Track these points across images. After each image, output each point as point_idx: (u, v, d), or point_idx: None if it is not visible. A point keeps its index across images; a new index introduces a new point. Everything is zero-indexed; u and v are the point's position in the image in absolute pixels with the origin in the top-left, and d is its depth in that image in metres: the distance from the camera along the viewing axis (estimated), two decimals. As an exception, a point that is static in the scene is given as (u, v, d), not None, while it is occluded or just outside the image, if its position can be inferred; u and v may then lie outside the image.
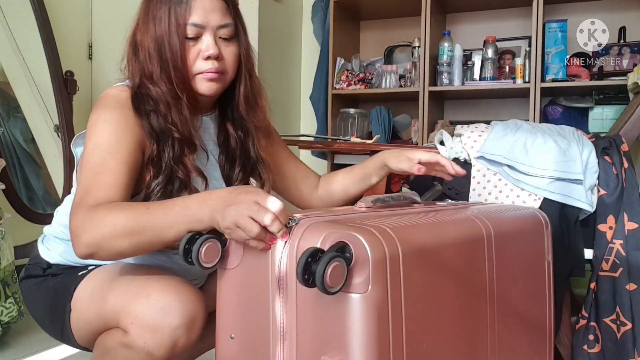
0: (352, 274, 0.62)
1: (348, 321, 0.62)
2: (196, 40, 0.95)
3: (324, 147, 2.34)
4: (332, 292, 0.60)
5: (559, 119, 2.58)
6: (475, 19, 2.94)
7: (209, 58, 0.95)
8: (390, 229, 0.68)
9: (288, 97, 3.13)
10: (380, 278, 0.63)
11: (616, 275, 1.31)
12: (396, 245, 0.66)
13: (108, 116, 0.91)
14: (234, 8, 0.99)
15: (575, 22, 2.47)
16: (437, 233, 0.78)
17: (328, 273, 0.59)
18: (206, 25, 0.95)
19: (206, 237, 0.73)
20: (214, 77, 0.97)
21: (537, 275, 1.04)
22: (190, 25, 0.94)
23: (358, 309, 0.62)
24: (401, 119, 2.91)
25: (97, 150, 0.88)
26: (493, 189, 1.38)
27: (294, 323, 0.68)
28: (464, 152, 1.43)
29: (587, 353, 1.33)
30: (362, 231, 0.65)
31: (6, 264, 1.73)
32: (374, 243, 0.64)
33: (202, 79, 0.96)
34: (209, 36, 0.95)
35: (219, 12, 0.96)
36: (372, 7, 2.98)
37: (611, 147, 1.38)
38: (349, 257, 0.62)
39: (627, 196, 1.32)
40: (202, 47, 0.95)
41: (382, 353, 0.63)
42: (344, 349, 0.62)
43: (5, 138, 2.27)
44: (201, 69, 0.96)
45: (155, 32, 0.94)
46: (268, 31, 2.84)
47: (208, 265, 0.75)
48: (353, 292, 0.62)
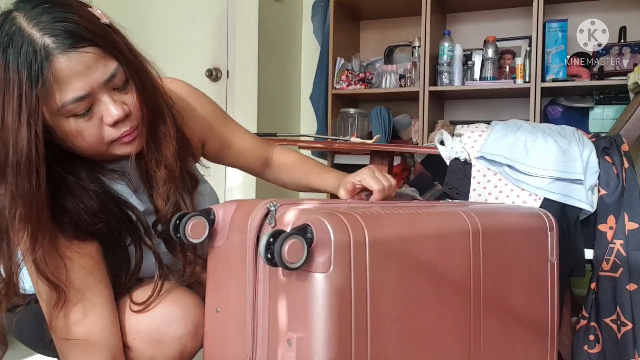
0: (314, 253, 0.66)
1: (311, 299, 0.65)
2: (89, 112, 0.76)
3: (324, 147, 2.34)
4: (291, 267, 0.64)
5: (559, 118, 2.58)
6: (476, 18, 2.93)
7: (116, 123, 0.78)
8: (360, 216, 0.71)
9: (288, 97, 3.13)
10: (343, 260, 0.66)
11: (617, 276, 1.31)
12: (363, 231, 0.69)
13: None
14: (108, 42, 0.76)
15: (575, 21, 2.47)
16: (412, 224, 0.80)
17: (285, 249, 0.63)
18: (92, 90, 0.75)
19: (193, 214, 0.77)
20: (131, 138, 0.81)
21: (538, 275, 1.04)
22: (72, 104, 0.74)
23: (319, 288, 0.65)
24: (401, 119, 2.91)
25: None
26: (493, 189, 1.38)
27: (267, 300, 0.71)
28: (464, 152, 1.43)
29: (588, 353, 1.33)
30: (329, 216, 0.68)
31: (6, 264, 1.72)
32: (338, 226, 0.67)
33: (119, 145, 0.81)
34: (104, 97, 0.77)
35: (96, 65, 0.75)
36: (372, 7, 2.98)
37: (612, 147, 1.38)
38: (310, 237, 0.66)
39: (628, 196, 1.32)
40: (103, 115, 0.77)
41: (343, 332, 0.66)
42: (306, 326, 0.65)
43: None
44: (113, 136, 0.79)
45: (1, 127, 0.72)
46: (268, 31, 2.84)
47: (194, 240, 0.76)
48: (315, 272, 0.65)
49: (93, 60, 0.74)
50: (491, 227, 0.91)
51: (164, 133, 0.87)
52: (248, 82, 2.74)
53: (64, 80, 0.73)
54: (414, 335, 0.76)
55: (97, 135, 0.78)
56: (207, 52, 2.84)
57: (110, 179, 0.88)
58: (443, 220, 0.86)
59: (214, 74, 2.80)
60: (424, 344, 0.78)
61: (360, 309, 0.68)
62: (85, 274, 0.82)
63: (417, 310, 0.77)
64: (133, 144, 0.82)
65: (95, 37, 0.74)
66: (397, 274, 0.74)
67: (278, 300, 0.70)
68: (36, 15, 0.72)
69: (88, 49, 0.73)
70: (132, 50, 0.82)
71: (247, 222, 0.75)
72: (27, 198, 0.73)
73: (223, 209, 0.80)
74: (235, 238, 0.77)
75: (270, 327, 0.71)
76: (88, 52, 0.73)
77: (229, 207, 0.80)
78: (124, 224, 0.86)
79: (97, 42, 0.74)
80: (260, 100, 2.74)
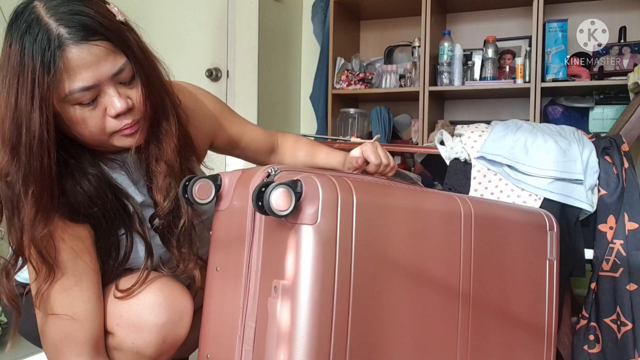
0: (302, 206, 0.70)
1: (298, 248, 0.69)
2: (94, 102, 0.80)
3: (324, 147, 2.33)
4: (278, 215, 0.68)
5: (559, 119, 2.58)
6: (476, 18, 2.93)
7: (118, 115, 0.81)
8: (351, 181, 0.75)
9: (288, 97, 3.13)
10: (330, 214, 0.70)
11: (617, 276, 1.31)
12: (351, 193, 0.73)
13: None
14: (120, 38, 0.80)
15: (575, 21, 2.47)
16: (402, 196, 0.83)
17: (274, 197, 0.68)
18: (99, 82, 0.78)
19: (201, 177, 0.82)
20: (132, 131, 0.84)
21: (536, 273, 1.04)
22: (78, 92, 0.77)
23: (306, 238, 0.69)
24: (401, 118, 2.91)
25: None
26: (494, 189, 1.38)
27: (260, 253, 0.75)
28: (464, 152, 1.43)
29: (588, 353, 1.33)
30: (320, 176, 0.72)
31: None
32: (327, 185, 0.71)
33: (120, 137, 0.84)
34: (109, 90, 0.79)
35: (106, 59, 0.78)
36: (372, 7, 2.98)
37: (612, 147, 1.38)
38: (300, 191, 0.70)
39: (628, 196, 1.32)
40: (107, 106, 0.80)
41: (326, 283, 0.69)
42: (292, 274, 0.69)
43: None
44: (115, 127, 0.82)
45: (15, 109, 0.76)
46: (268, 31, 2.84)
47: (201, 200, 0.81)
48: (303, 223, 0.69)
49: (103, 53, 0.77)
50: (485, 213, 0.93)
51: (166, 130, 0.89)
52: (248, 82, 2.73)
53: (73, 70, 0.76)
54: (398, 298, 0.78)
55: (100, 125, 0.81)
56: (207, 52, 2.84)
57: (110, 168, 0.90)
58: (435, 198, 0.89)
59: (214, 74, 2.80)
60: (410, 307, 0.80)
61: (345, 262, 0.71)
62: (74, 256, 0.84)
63: (403, 273, 0.79)
64: (133, 137, 0.84)
65: (108, 32, 0.78)
66: (382, 238, 0.77)
67: (269, 251, 0.74)
68: (55, 6, 0.76)
69: (100, 42, 0.77)
70: (143, 49, 0.85)
71: (249, 185, 0.79)
72: (39, 178, 0.77)
73: (229, 176, 0.84)
74: (238, 201, 0.81)
75: (261, 277, 0.75)
76: (99, 46, 0.77)
77: (235, 174, 0.84)
78: (118, 212, 0.88)
79: (109, 37, 0.78)
80: (260, 100, 2.74)
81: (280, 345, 0.68)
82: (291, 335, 0.67)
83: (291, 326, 0.67)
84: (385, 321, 0.76)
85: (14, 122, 0.76)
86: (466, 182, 1.41)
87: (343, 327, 0.70)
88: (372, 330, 0.74)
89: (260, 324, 0.73)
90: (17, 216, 0.79)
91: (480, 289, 0.91)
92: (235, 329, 0.76)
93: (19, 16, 0.77)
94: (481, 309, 0.91)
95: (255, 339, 0.74)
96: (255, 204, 0.68)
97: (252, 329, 0.74)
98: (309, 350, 0.67)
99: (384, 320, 0.76)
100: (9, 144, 0.77)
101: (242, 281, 0.77)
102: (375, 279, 0.75)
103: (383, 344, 0.76)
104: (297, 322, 0.67)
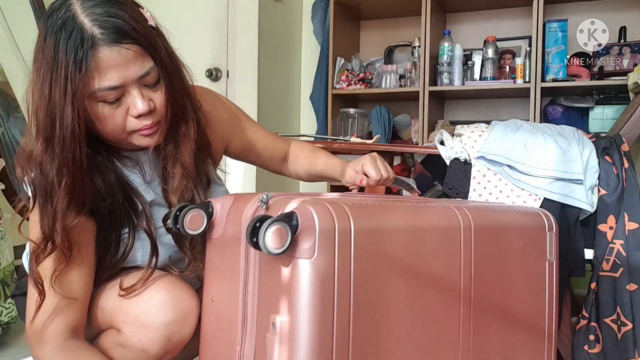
0: (299, 240, 0.68)
1: (295, 284, 0.68)
2: (118, 101, 0.83)
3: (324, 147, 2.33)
4: (274, 253, 0.66)
5: (559, 119, 2.58)
6: (476, 18, 2.93)
7: (139, 116, 0.84)
8: (347, 206, 0.73)
9: (288, 97, 3.13)
10: (327, 247, 0.68)
11: (617, 276, 1.31)
12: (349, 220, 0.71)
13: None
14: (149, 43, 0.83)
15: (575, 21, 2.47)
16: (401, 216, 0.81)
17: (269, 235, 0.66)
18: (125, 82, 0.81)
19: (193, 207, 0.80)
20: (151, 132, 0.87)
21: (536, 275, 1.03)
22: (105, 91, 0.80)
23: (303, 273, 0.67)
24: (401, 119, 2.91)
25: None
26: (493, 189, 1.38)
27: (256, 286, 0.74)
28: (464, 152, 1.43)
29: (588, 353, 1.33)
30: (315, 204, 0.70)
31: (6, 264, 1.73)
32: (324, 214, 0.69)
33: (138, 136, 0.87)
34: (134, 91, 0.83)
35: (134, 62, 0.81)
36: (372, 7, 2.98)
37: (612, 147, 1.38)
38: (295, 224, 0.68)
39: (628, 196, 1.32)
40: (129, 106, 0.83)
41: (325, 317, 0.68)
42: (290, 310, 0.68)
43: (5, 138, 2.27)
44: (134, 127, 0.85)
45: (48, 102, 0.79)
46: (268, 31, 2.84)
47: (192, 231, 0.80)
48: (300, 258, 0.68)
49: (132, 56, 0.80)
50: (484, 224, 0.92)
51: (184, 133, 0.92)
52: (248, 82, 2.73)
53: (103, 70, 0.79)
54: (399, 324, 0.77)
55: (121, 124, 0.84)
56: (207, 52, 2.84)
57: (124, 166, 0.93)
58: (434, 214, 0.87)
59: (214, 74, 2.80)
60: (410, 335, 0.79)
61: (344, 295, 0.70)
62: (77, 246, 0.85)
63: (402, 302, 0.78)
64: (152, 137, 0.88)
65: (139, 37, 0.81)
66: (383, 263, 0.75)
67: (266, 285, 0.73)
68: (91, 7, 0.79)
69: (130, 46, 0.80)
70: (170, 53, 0.89)
71: (242, 213, 0.77)
72: (71, 170, 0.81)
73: (221, 202, 0.82)
74: (231, 229, 0.79)
75: (258, 312, 0.74)
76: (129, 49, 0.80)
77: (226, 200, 0.82)
78: (125, 209, 0.90)
79: (139, 41, 0.81)
80: (260, 100, 2.74)
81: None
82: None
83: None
84: (386, 349, 0.75)
85: (48, 114, 0.79)
86: (466, 182, 1.41)
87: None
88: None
89: (259, 359, 0.72)
90: (50, 204, 0.82)
91: (481, 300, 0.90)
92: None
93: (55, 12, 0.80)
94: (482, 321, 0.90)
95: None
96: (249, 240, 0.67)
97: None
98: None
99: (385, 348, 0.75)
100: (43, 134, 0.80)
101: (239, 314, 0.76)
102: (375, 307, 0.74)
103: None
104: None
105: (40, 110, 0.80)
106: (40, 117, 0.80)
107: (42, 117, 0.80)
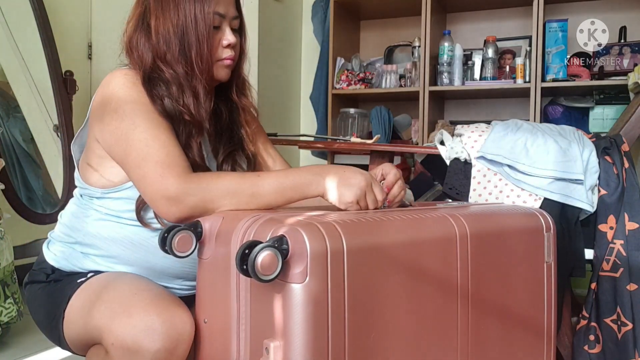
0: (290, 264, 0.67)
1: (288, 309, 0.67)
2: (217, 29, 1.01)
3: (324, 147, 2.34)
4: (264, 280, 0.66)
5: (559, 118, 2.58)
6: (476, 18, 2.93)
7: (228, 46, 1.02)
8: (339, 224, 0.71)
9: (288, 97, 3.13)
10: (319, 270, 0.67)
11: (617, 276, 1.31)
12: (341, 240, 0.70)
13: (129, 96, 0.93)
14: (238, 2, 1.07)
15: (575, 21, 2.47)
16: (394, 231, 0.80)
17: (259, 262, 0.64)
18: (226, 15, 1.01)
19: (181, 229, 0.79)
20: (230, 64, 1.03)
21: (534, 276, 1.03)
22: (215, 14, 0.99)
23: (296, 298, 0.66)
24: (401, 118, 2.91)
25: (139, 128, 0.90)
26: (493, 189, 1.38)
27: (248, 310, 0.73)
28: (464, 152, 1.43)
29: (588, 353, 1.33)
30: (306, 226, 0.68)
31: (6, 264, 1.72)
32: (315, 237, 0.67)
33: (221, 66, 1.03)
34: (227, 26, 1.02)
35: (233, 5, 1.04)
36: (372, 7, 2.98)
37: (612, 147, 1.37)
38: (286, 248, 0.67)
39: (628, 196, 1.32)
40: (223, 36, 1.02)
41: (319, 341, 0.67)
42: (283, 335, 0.67)
43: (5, 138, 2.27)
44: (221, 56, 1.02)
45: (178, 17, 0.97)
46: (268, 31, 2.84)
47: (181, 254, 0.79)
48: (292, 282, 0.67)
49: (233, 0, 1.04)
50: (480, 230, 0.90)
51: (241, 76, 1.12)
52: (248, 82, 2.74)
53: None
54: (396, 343, 0.76)
55: (214, 47, 1.01)
56: (207, 52, 2.84)
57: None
58: (429, 226, 0.85)
59: (214, 74, 2.81)
60: (409, 349, 0.78)
61: (338, 317, 0.69)
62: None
63: (399, 317, 0.77)
64: (229, 69, 1.04)
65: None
66: (377, 282, 0.74)
67: (258, 310, 0.72)
68: None
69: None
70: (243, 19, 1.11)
71: (231, 234, 0.76)
72: (207, 92, 1.01)
73: (210, 222, 0.81)
74: (221, 250, 0.78)
75: (251, 337, 0.73)
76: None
77: (215, 219, 0.81)
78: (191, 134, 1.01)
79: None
80: (260, 100, 2.74)
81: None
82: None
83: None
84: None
85: (183, 28, 0.97)
86: (466, 182, 1.41)
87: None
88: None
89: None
90: (183, 94, 0.98)
91: (480, 308, 0.89)
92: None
93: None
94: (482, 333, 0.89)
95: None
96: (239, 268, 0.66)
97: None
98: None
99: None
100: (179, 43, 0.98)
101: (232, 338, 0.75)
102: (371, 326, 0.72)
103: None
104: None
105: (170, 26, 0.97)
106: (171, 31, 0.97)
107: (172, 32, 0.97)
